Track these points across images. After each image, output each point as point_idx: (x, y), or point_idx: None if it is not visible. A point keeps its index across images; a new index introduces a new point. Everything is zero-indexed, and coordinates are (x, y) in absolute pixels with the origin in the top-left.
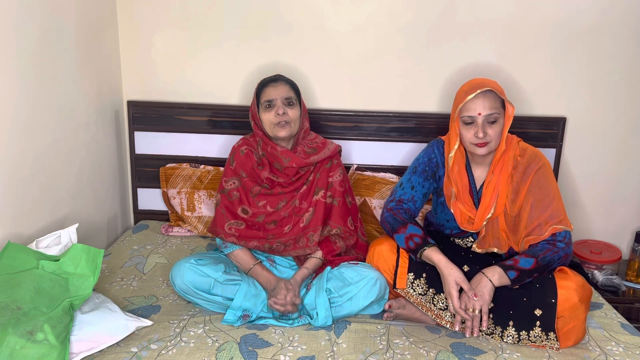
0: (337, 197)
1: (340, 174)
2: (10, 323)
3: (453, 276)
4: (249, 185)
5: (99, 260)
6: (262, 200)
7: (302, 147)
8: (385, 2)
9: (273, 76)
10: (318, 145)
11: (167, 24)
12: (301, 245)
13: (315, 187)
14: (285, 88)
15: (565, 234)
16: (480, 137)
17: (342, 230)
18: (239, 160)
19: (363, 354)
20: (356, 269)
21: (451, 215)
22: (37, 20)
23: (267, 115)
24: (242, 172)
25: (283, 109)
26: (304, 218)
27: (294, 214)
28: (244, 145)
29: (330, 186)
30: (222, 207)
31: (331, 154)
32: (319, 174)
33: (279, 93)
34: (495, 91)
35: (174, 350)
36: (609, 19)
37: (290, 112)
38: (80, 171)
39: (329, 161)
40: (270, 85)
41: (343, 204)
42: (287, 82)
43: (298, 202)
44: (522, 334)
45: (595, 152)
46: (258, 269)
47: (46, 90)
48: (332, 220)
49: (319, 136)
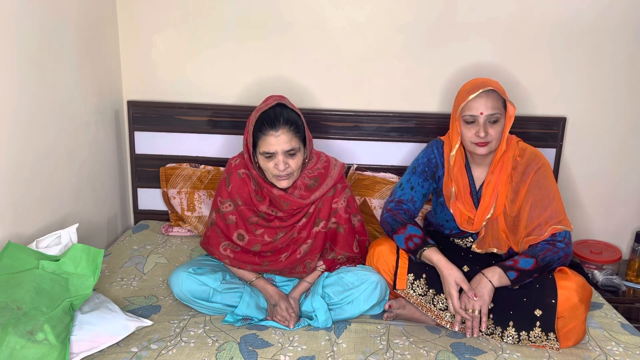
0: (342, 224)
1: (344, 199)
2: (10, 323)
3: (453, 276)
4: (246, 214)
5: (99, 260)
6: (260, 229)
7: (302, 179)
8: (385, 2)
9: (273, 115)
10: (320, 173)
11: (167, 24)
12: (297, 271)
13: (315, 218)
14: (287, 137)
15: (565, 234)
16: (481, 137)
17: (346, 257)
18: (235, 185)
19: (363, 354)
20: (356, 273)
21: (451, 216)
22: (37, 20)
23: (266, 164)
24: (239, 200)
25: (284, 165)
26: (302, 249)
27: (291, 244)
28: (242, 168)
29: (335, 213)
30: (216, 227)
31: (334, 182)
32: (321, 203)
33: (280, 144)
34: (498, 91)
35: (174, 350)
36: (609, 19)
37: (292, 162)
38: (80, 171)
39: (332, 189)
40: (270, 134)
41: (349, 230)
42: (289, 128)
43: (297, 234)
44: (522, 334)
45: (595, 152)
46: (259, 283)
47: (46, 90)
48: (338, 248)
49: (321, 157)
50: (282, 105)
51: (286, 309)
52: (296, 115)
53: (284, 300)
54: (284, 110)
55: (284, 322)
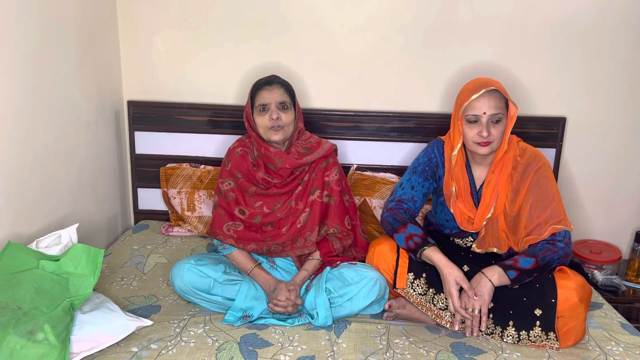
0: (334, 196)
1: (336, 172)
2: (10, 323)
3: (453, 276)
4: (245, 185)
5: (99, 260)
6: (259, 200)
7: (296, 147)
8: (385, 2)
9: (268, 78)
10: (312, 145)
11: (167, 24)
12: (299, 245)
13: (310, 187)
14: (279, 92)
15: (565, 233)
16: (484, 136)
17: (339, 230)
18: (234, 162)
19: (363, 354)
20: (356, 269)
21: (451, 215)
22: (37, 21)
23: (261, 118)
24: (238, 173)
25: (277, 114)
26: (301, 218)
27: (290, 215)
28: (239, 147)
29: (327, 185)
30: (220, 208)
31: (325, 153)
32: (315, 173)
33: (274, 97)
34: (500, 91)
35: (174, 350)
36: (609, 19)
37: (284, 116)
38: (80, 171)
39: (324, 160)
40: (264, 88)
41: (340, 203)
42: (281, 85)
43: (294, 203)
44: (522, 334)
45: (595, 152)
46: (257, 271)
47: (46, 90)
48: (329, 220)
49: (314, 135)
50: (276, 75)
51: (285, 298)
52: (288, 84)
53: (282, 287)
54: (278, 77)
55: (282, 309)
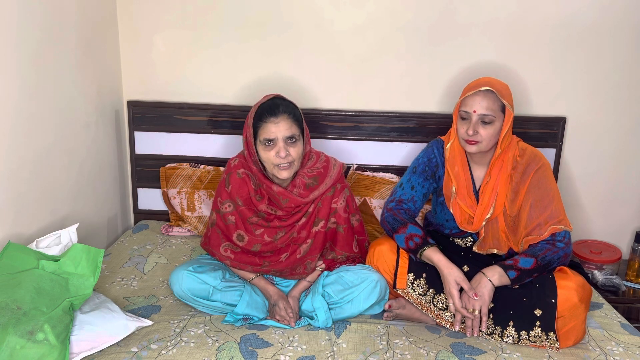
0: (341, 224)
1: (343, 199)
2: (10, 323)
3: (453, 276)
4: (246, 214)
5: (99, 260)
6: (260, 229)
7: (301, 178)
8: (385, 2)
9: (271, 103)
10: (320, 172)
11: (167, 24)
12: (298, 272)
13: (315, 218)
14: (287, 124)
15: (565, 233)
16: (469, 135)
17: (346, 257)
18: (234, 185)
19: (363, 354)
20: (356, 272)
21: (451, 215)
22: (37, 21)
23: (266, 154)
24: (238, 200)
25: (285, 151)
26: (302, 249)
27: (291, 244)
28: (241, 168)
29: (334, 213)
30: (217, 227)
31: (334, 182)
32: (321, 202)
33: (281, 131)
34: (497, 93)
35: (174, 350)
36: (609, 19)
37: (293, 151)
38: (80, 171)
39: (332, 189)
40: (270, 121)
41: (348, 230)
42: (289, 116)
43: (296, 233)
44: (522, 334)
45: (595, 152)
46: (258, 282)
47: (46, 90)
48: (338, 248)
49: (320, 156)
50: (281, 98)
51: (285, 309)
52: (295, 107)
53: (283, 300)
54: (283, 101)
55: (283, 321)
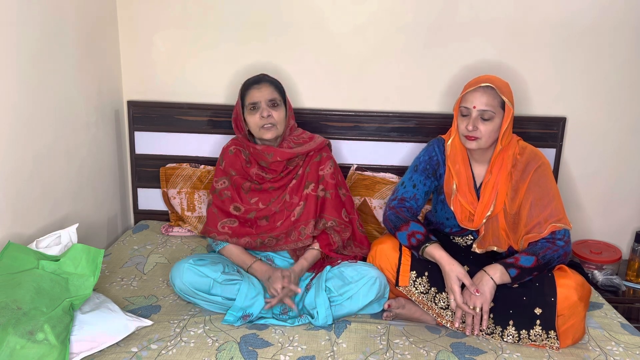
0: (329, 189)
1: (330, 166)
2: (10, 323)
3: (455, 272)
4: (239, 182)
5: (99, 260)
6: (254, 197)
7: (287, 143)
8: (385, 2)
9: (257, 77)
10: (305, 140)
11: (167, 24)
12: (293, 238)
13: (305, 181)
14: (269, 90)
15: (565, 232)
16: (469, 130)
17: (337, 222)
18: (228, 160)
19: (363, 354)
20: (356, 268)
21: (451, 213)
22: (37, 20)
23: (252, 117)
24: (232, 171)
25: (268, 112)
26: (295, 212)
27: (285, 209)
28: (233, 145)
29: (322, 179)
30: (214, 207)
31: (318, 146)
32: (309, 167)
33: (263, 95)
34: (497, 90)
35: (174, 350)
36: (609, 19)
37: (275, 113)
38: (80, 171)
39: (318, 154)
40: (254, 87)
41: (336, 196)
42: (271, 83)
43: (288, 197)
44: (522, 333)
45: (594, 152)
46: (255, 266)
47: (46, 90)
48: (327, 213)
49: (306, 132)
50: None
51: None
52: (277, 81)
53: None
54: (266, 75)
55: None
